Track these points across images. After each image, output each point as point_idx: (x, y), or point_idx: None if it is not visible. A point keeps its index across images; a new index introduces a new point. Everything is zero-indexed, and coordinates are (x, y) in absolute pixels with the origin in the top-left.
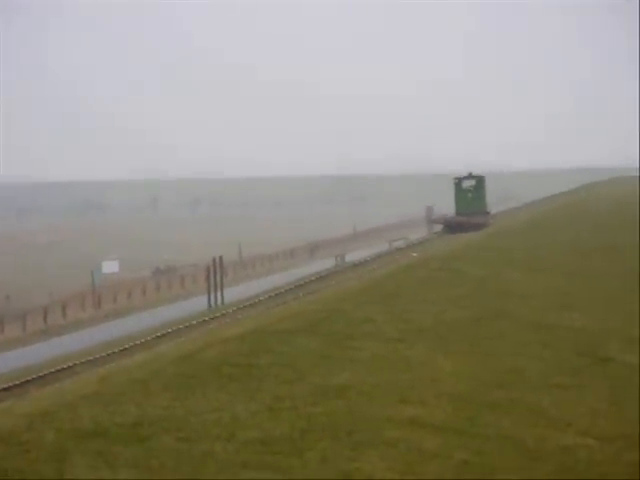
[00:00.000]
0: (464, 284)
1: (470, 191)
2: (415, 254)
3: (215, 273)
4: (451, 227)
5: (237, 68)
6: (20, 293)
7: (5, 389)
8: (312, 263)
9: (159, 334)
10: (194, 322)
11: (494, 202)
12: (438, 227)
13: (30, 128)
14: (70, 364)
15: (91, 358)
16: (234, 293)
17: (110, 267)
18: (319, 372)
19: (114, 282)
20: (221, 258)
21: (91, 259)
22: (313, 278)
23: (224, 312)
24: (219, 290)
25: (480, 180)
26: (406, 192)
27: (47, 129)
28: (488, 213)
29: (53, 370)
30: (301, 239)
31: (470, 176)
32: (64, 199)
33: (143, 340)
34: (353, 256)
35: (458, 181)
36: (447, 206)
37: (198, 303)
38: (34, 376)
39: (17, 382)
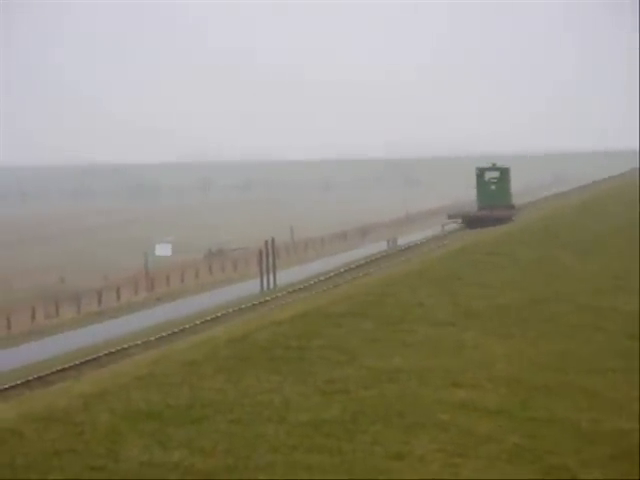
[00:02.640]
0: (516, 267)
1: (493, 183)
2: (466, 237)
3: (267, 256)
4: (470, 222)
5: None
6: (74, 276)
7: (61, 370)
8: (364, 246)
9: (211, 317)
10: (246, 305)
11: (545, 185)
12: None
13: (78, 111)
14: (124, 346)
15: (144, 340)
16: (286, 276)
17: (163, 250)
18: (371, 355)
19: (167, 265)
20: (273, 241)
21: (143, 242)
22: (365, 261)
23: (276, 295)
24: (271, 273)
25: (504, 171)
26: (458, 175)
27: (96, 113)
28: (513, 207)
29: (107, 352)
30: (352, 222)
31: (493, 167)
32: (116, 182)
33: (196, 323)
34: (405, 239)
35: (480, 172)
36: None
37: (250, 286)
38: (89, 358)
39: (73, 364)
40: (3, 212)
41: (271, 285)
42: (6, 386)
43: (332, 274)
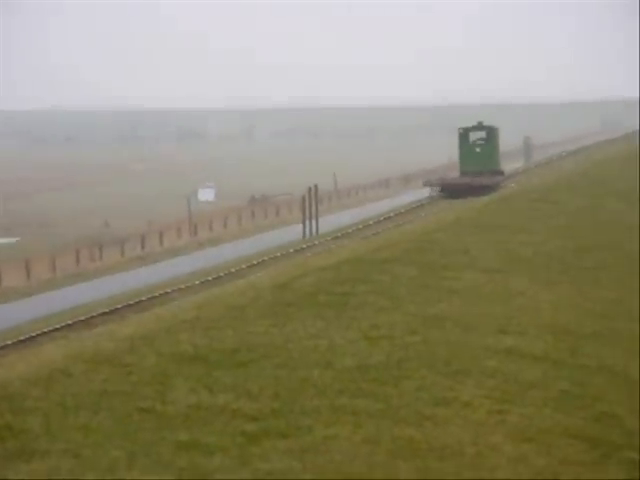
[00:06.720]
0: (564, 215)
1: (479, 145)
2: (513, 185)
3: (310, 202)
4: (450, 191)
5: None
6: (118, 220)
7: (106, 313)
8: (407, 193)
9: (255, 262)
10: (289, 251)
11: (598, 129)
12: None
13: (125, 57)
14: (168, 290)
15: (188, 285)
16: (329, 222)
17: (206, 194)
18: (416, 301)
19: (210, 211)
20: (316, 187)
21: (187, 187)
22: (408, 208)
23: (319, 241)
24: (314, 219)
25: (492, 131)
26: (505, 122)
27: (142, 58)
28: (501, 173)
29: (151, 296)
30: (396, 169)
31: (479, 126)
32: (163, 128)
33: (239, 268)
34: None
35: (464, 132)
36: (546, 136)
37: (293, 232)
38: (133, 301)
39: (117, 307)
40: (49, 155)
41: (314, 232)
42: (52, 328)
43: (375, 221)
